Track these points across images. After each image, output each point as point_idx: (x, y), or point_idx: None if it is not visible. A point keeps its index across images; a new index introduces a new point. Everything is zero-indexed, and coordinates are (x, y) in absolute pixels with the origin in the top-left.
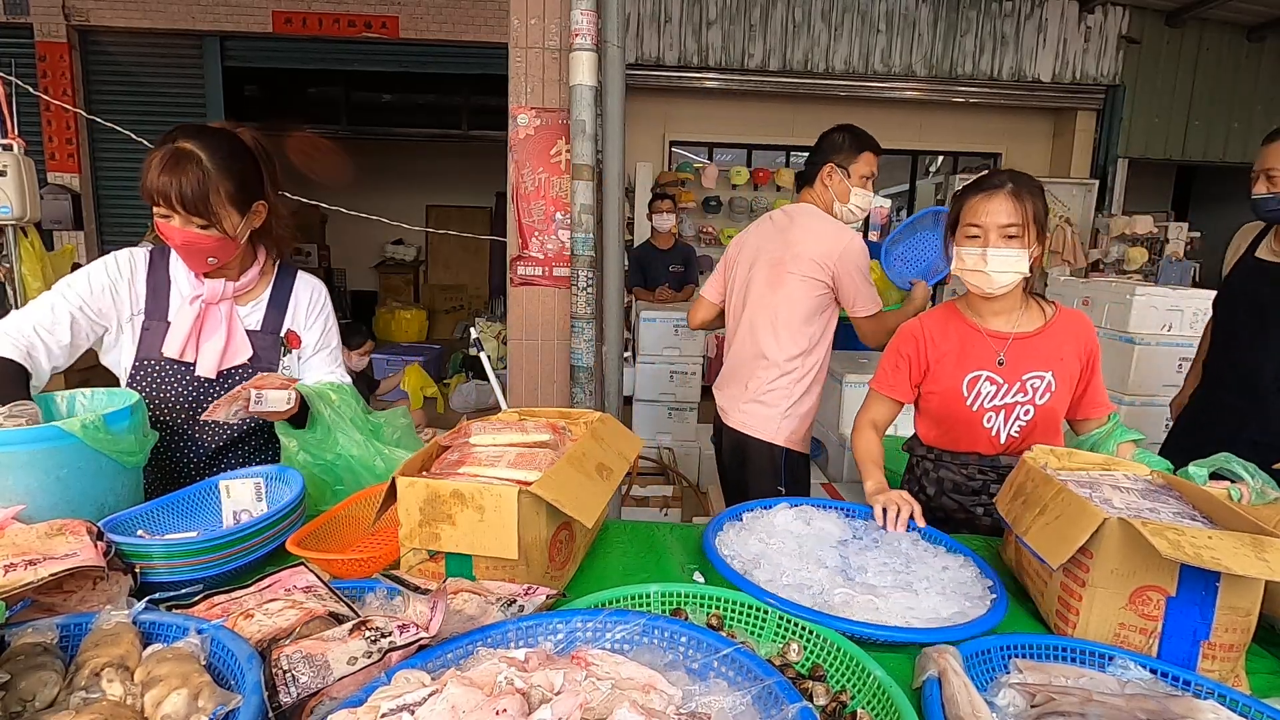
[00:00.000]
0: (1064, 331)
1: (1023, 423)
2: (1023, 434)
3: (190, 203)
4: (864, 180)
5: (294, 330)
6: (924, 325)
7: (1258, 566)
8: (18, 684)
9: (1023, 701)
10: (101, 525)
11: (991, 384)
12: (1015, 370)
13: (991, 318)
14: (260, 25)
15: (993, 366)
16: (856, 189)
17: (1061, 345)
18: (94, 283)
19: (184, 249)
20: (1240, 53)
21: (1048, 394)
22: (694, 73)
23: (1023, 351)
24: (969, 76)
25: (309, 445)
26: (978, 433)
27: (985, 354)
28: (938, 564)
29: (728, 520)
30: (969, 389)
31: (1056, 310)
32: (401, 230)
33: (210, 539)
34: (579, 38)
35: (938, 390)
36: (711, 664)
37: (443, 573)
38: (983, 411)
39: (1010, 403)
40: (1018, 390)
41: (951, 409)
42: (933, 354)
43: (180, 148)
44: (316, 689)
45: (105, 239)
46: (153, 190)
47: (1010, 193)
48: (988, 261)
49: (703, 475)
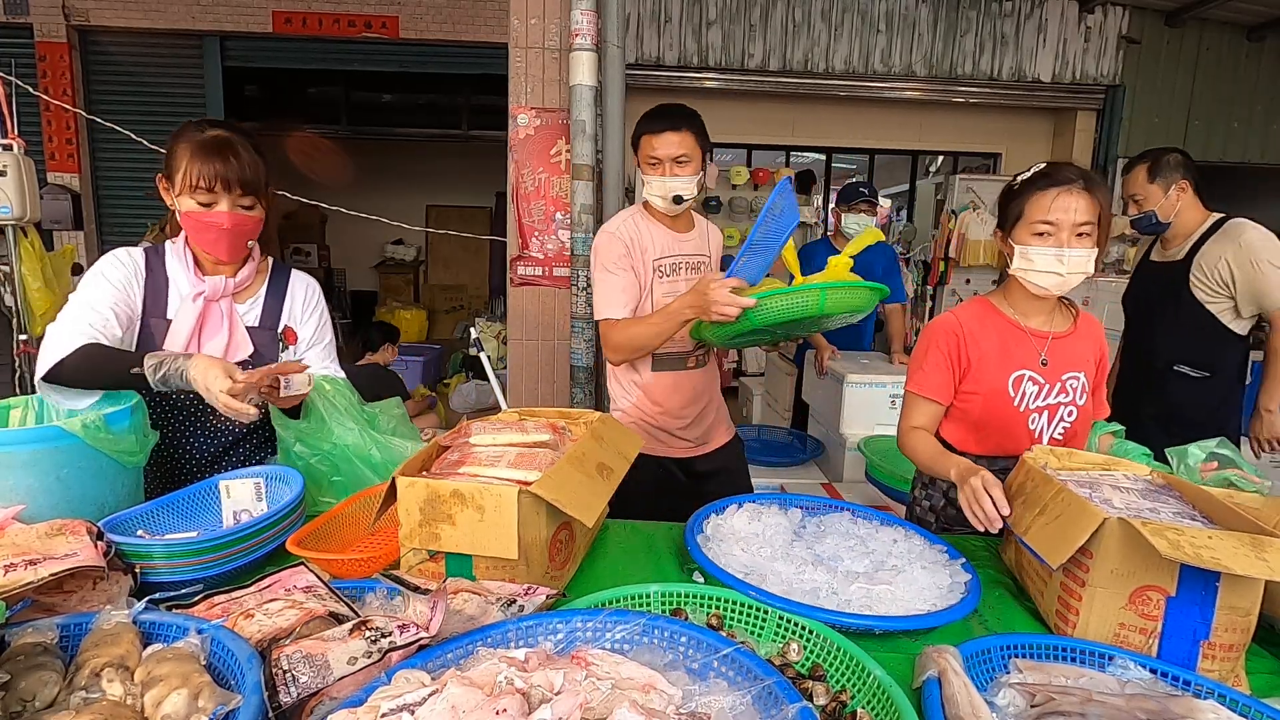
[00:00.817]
0: (1088, 333)
1: (1067, 424)
2: (1066, 435)
3: (248, 183)
4: (650, 165)
5: (290, 326)
6: (960, 321)
7: (1258, 566)
8: (18, 684)
9: (1023, 701)
10: (101, 525)
11: (1034, 384)
12: (1056, 370)
13: (1035, 316)
14: (260, 25)
15: (1035, 366)
16: (645, 177)
17: (1087, 347)
18: (113, 278)
19: (233, 232)
20: (1240, 53)
21: (1085, 394)
22: (694, 73)
23: (1061, 351)
24: (969, 76)
25: (305, 436)
26: (1021, 435)
27: (1028, 353)
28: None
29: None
30: (1014, 388)
31: (1078, 311)
32: (401, 230)
33: (210, 539)
34: (579, 38)
35: (980, 391)
36: (711, 664)
37: (443, 573)
38: (1028, 412)
39: (1054, 403)
40: (1059, 391)
41: (996, 411)
42: (973, 352)
43: (219, 135)
44: (316, 689)
45: (105, 239)
46: (202, 175)
47: (1084, 189)
48: (1064, 262)
49: None
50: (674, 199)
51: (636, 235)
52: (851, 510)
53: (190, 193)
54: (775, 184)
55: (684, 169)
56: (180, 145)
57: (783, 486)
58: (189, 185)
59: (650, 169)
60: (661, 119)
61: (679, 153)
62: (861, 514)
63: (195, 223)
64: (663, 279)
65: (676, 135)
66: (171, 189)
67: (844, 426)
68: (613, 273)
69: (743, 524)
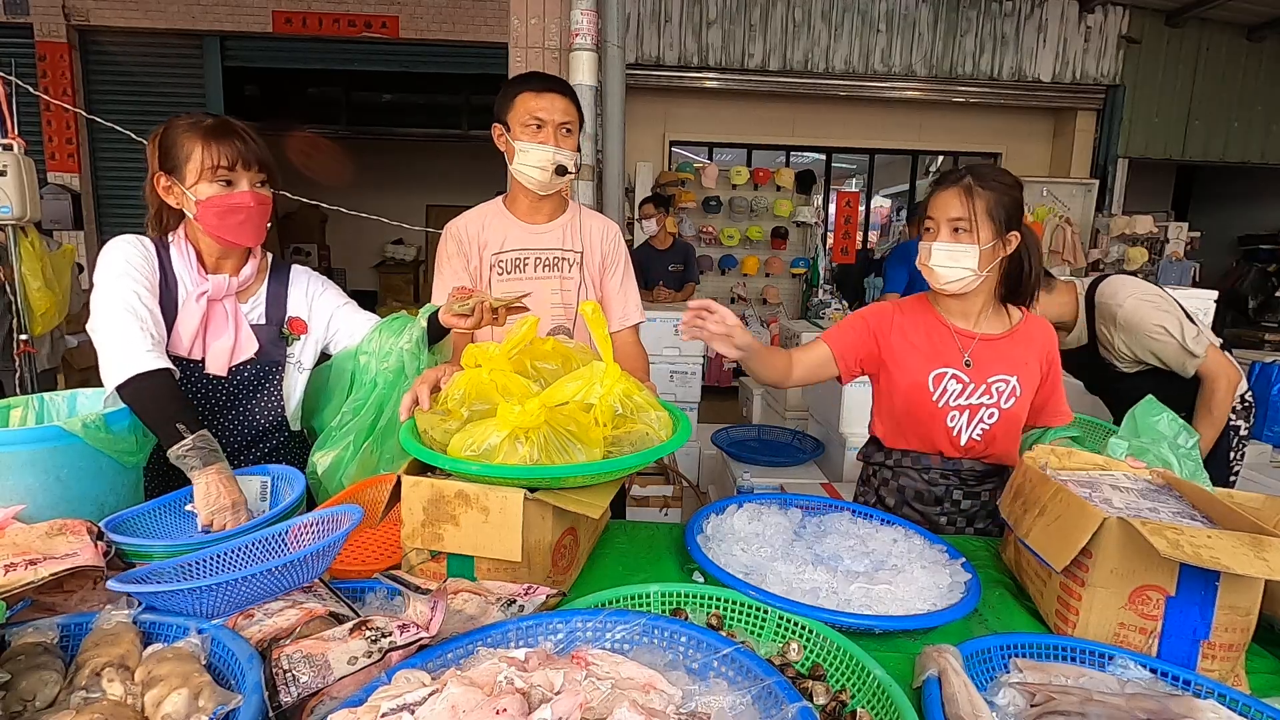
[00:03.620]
0: (1029, 337)
1: (986, 425)
2: (985, 438)
3: (263, 161)
4: (526, 129)
5: (298, 316)
6: (898, 309)
7: (1257, 566)
8: (18, 684)
9: (1023, 701)
10: (102, 525)
11: (958, 382)
12: (981, 371)
13: (959, 316)
14: (260, 25)
15: (959, 365)
16: (519, 144)
17: (1026, 351)
18: (137, 265)
19: (258, 211)
20: (1240, 53)
21: (1012, 398)
22: (694, 73)
23: (988, 353)
24: (969, 76)
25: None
26: (939, 431)
27: (952, 351)
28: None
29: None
30: (935, 384)
31: (1024, 316)
32: (401, 230)
33: (211, 538)
34: (579, 38)
35: (902, 383)
36: (711, 664)
37: (444, 573)
38: (947, 409)
39: (975, 404)
40: (983, 392)
41: (915, 404)
42: (898, 341)
43: (221, 119)
44: (317, 689)
45: (105, 239)
46: (222, 154)
47: (963, 186)
48: (932, 255)
49: (703, 475)
50: (557, 169)
51: (479, 229)
52: (851, 510)
53: (210, 177)
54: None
55: (568, 140)
56: (184, 135)
57: (783, 486)
58: (208, 168)
59: (527, 133)
60: (545, 80)
61: (566, 119)
62: (861, 514)
63: (219, 207)
64: (502, 276)
65: (564, 100)
66: (180, 182)
67: (844, 426)
68: (440, 270)
69: (743, 524)
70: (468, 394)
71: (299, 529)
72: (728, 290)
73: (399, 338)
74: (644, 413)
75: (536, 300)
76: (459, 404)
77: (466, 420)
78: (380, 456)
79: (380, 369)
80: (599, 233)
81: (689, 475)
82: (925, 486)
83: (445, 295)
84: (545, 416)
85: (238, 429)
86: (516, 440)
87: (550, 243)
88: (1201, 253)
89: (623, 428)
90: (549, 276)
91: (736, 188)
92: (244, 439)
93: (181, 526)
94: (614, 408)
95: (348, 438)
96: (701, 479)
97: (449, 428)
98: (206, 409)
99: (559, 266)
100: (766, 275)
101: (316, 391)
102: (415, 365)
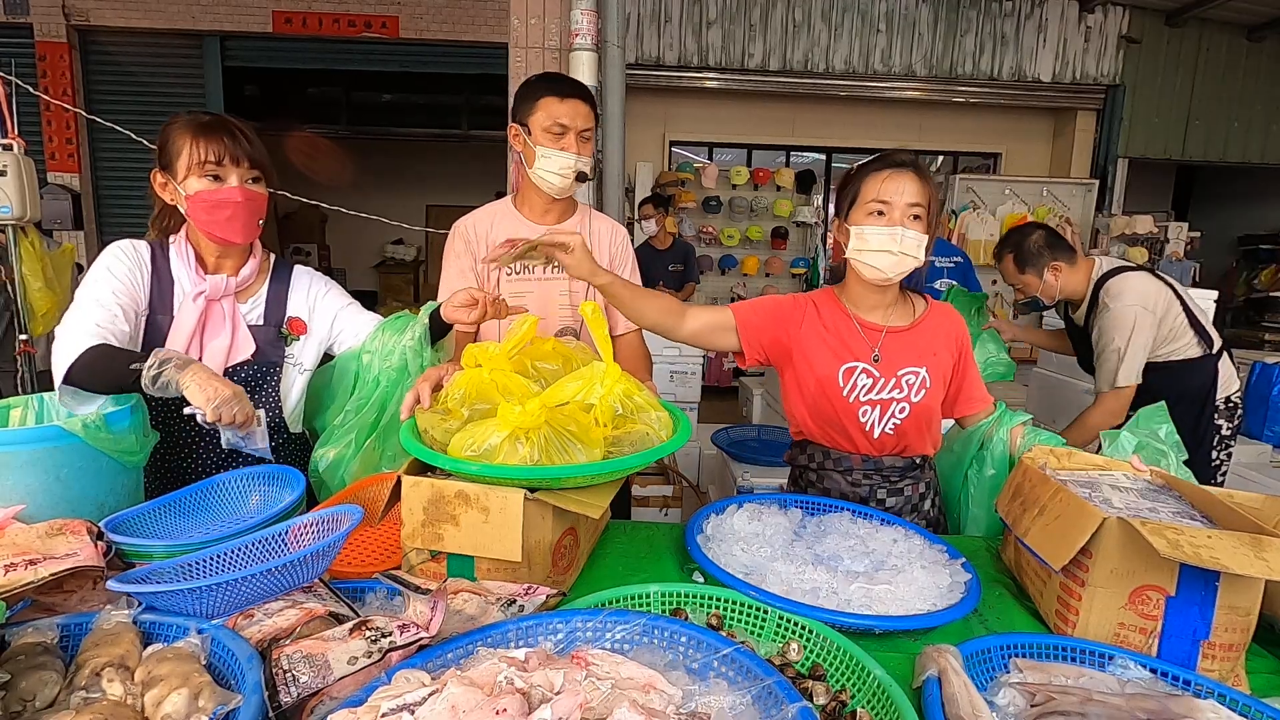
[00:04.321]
0: (936, 326)
1: (898, 420)
2: (898, 431)
3: (254, 158)
4: (549, 134)
5: (298, 317)
6: (812, 302)
7: (1257, 566)
8: (18, 684)
9: (1023, 701)
10: (102, 525)
11: (868, 377)
12: (890, 365)
13: (869, 310)
14: (260, 25)
15: (868, 360)
16: (541, 149)
17: (934, 340)
18: (117, 273)
19: (246, 207)
20: (1240, 53)
21: (923, 390)
22: (694, 73)
23: (896, 346)
24: (969, 76)
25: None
26: (852, 426)
27: (861, 347)
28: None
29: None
30: (845, 379)
31: (928, 305)
32: (401, 230)
33: (211, 539)
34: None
35: (814, 376)
36: (711, 664)
37: (444, 573)
38: (858, 404)
39: (886, 398)
40: (893, 386)
41: (828, 398)
42: (808, 334)
43: (215, 116)
44: (317, 689)
45: (105, 239)
46: (210, 150)
47: (917, 172)
48: (899, 241)
49: (703, 475)
50: (578, 176)
51: (487, 229)
52: (851, 510)
53: (199, 172)
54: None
55: (587, 147)
56: (177, 131)
57: (782, 486)
58: (196, 163)
59: (549, 138)
60: (568, 83)
61: (587, 125)
62: (861, 514)
63: (207, 202)
64: (510, 276)
65: (585, 107)
66: (173, 178)
67: None
68: (447, 268)
69: (743, 524)
70: (468, 394)
71: (299, 529)
72: (728, 290)
73: (401, 335)
74: (644, 413)
75: (544, 302)
76: (459, 404)
77: (467, 420)
78: (382, 454)
79: (383, 367)
80: (607, 235)
81: (689, 475)
82: (850, 487)
83: (449, 293)
84: (545, 417)
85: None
86: (517, 440)
87: None
88: (1201, 253)
89: (623, 428)
90: (557, 278)
91: (736, 188)
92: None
93: (181, 526)
94: (614, 408)
95: (350, 435)
96: (701, 479)
97: (449, 427)
98: None
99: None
100: (766, 275)
101: (319, 392)
102: (418, 363)
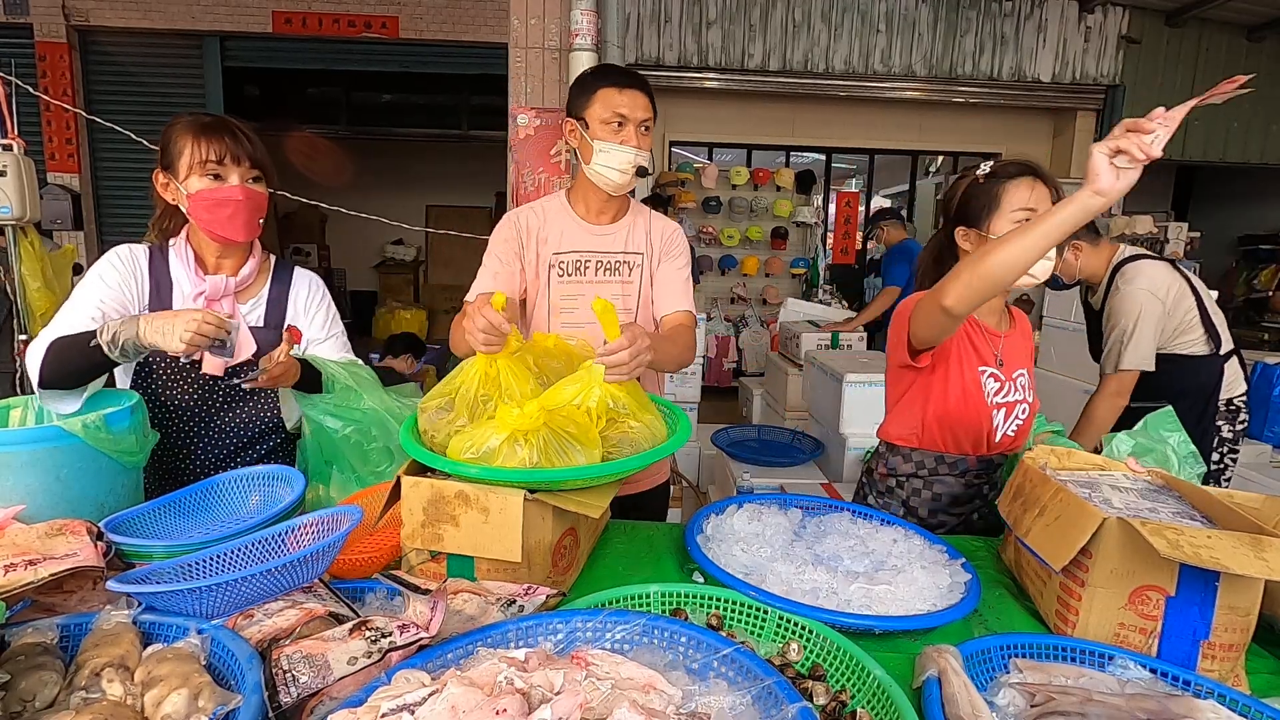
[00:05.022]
0: (1024, 332)
1: (1020, 420)
2: (1017, 432)
3: (255, 157)
4: (608, 127)
5: (295, 325)
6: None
7: (1257, 566)
8: (18, 684)
9: (1023, 701)
10: (101, 525)
11: (996, 381)
12: (1009, 368)
13: (988, 314)
14: (260, 25)
15: (994, 363)
16: (599, 143)
17: (1027, 343)
18: (108, 280)
19: (247, 205)
20: (1240, 53)
21: (1031, 391)
22: (694, 73)
23: (1009, 349)
24: (969, 76)
25: (333, 408)
26: (987, 430)
27: (987, 350)
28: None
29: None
30: (984, 383)
31: (1013, 312)
32: (401, 230)
33: (210, 539)
34: (579, 38)
35: (961, 381)
36: (711, 664)
37: (444, 573)
38: (994, 407)
39: (1011, 401)
40: (1013, 389)
41: (968, 404)
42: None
43: (216, 116)
44: (316, 689)
45: (105, 239)
46: (211, 149)
47: (1047, 181)
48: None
49: (703, 475)
50: (638, 171)
51: (539, 224)
52: (851, 510)
53: (200, 171)
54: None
55: (646, 140)
56: (179, 132)
57: (783, 486)
58: (198, 163)
59: (608, 131)
60: (627, 75)
61: (646, 116)
62: (861, 514)
63: (208, 201)
64: (564, 278)
65: (644, 98)
66: (175, 178)
67: (844, 426)
68: (491, 254)
69: (743, 524)
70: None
71: (299, 529)
72: (728, 290)
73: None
74: (644, 413)
75: None
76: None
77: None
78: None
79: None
80: (658, 233)
81: (689, 475)
82: (963, 489)
83: (491, 277)
84: (544, 419)
85: (234, 430)
86: (516, 443)
87: (612, 245)
88: (1201, 253)
89: (622, 429)
90: (609, 281)
91: (736, 188)
92: (241, 440)
93: (181, 527)
94: (612, 409)
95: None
96: (701, 479)
97: (451, 418)
98: (203, 410)
99: (620, 270)
100: (766, 275)
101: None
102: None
